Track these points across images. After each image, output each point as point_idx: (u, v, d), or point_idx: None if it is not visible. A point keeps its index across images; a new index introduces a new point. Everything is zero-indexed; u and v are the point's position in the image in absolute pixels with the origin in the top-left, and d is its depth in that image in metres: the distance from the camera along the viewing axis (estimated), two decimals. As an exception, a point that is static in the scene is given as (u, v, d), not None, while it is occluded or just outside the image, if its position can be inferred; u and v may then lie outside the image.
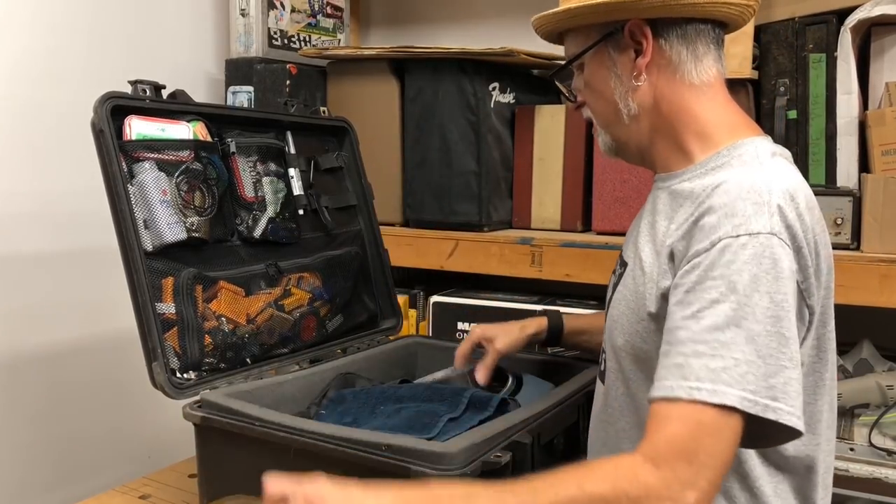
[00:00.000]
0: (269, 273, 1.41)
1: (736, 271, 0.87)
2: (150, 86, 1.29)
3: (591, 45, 1.05)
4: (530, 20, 1.09)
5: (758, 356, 0.85)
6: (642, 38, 1.01)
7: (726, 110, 1.05)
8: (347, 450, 1.01)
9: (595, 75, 1.06)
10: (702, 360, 0.85)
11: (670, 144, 1.05)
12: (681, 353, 0.87)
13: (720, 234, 0.89)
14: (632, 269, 1.06)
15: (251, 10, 2.01)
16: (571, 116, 1.80)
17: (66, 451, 1.80)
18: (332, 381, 1.36)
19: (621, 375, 1.06)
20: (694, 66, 1.03)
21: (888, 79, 1.49)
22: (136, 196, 1.23)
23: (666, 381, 0.87)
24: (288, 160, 1.50)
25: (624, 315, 1.05)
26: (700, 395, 0.84)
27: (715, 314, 0.86)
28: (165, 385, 1.19)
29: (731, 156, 0.99)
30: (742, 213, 0.90)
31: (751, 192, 0.91)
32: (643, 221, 1.08)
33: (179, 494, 1.37)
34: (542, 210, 1.84)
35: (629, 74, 1.03)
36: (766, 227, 0.88)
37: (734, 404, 0.83)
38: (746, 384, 0.84)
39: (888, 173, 1.41)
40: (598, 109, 1.08)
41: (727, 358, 0.85)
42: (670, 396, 0.86)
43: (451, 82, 1.80)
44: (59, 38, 1.77)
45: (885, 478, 1.34)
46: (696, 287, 0.89)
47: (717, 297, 0.87)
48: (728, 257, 0.88)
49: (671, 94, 1.03)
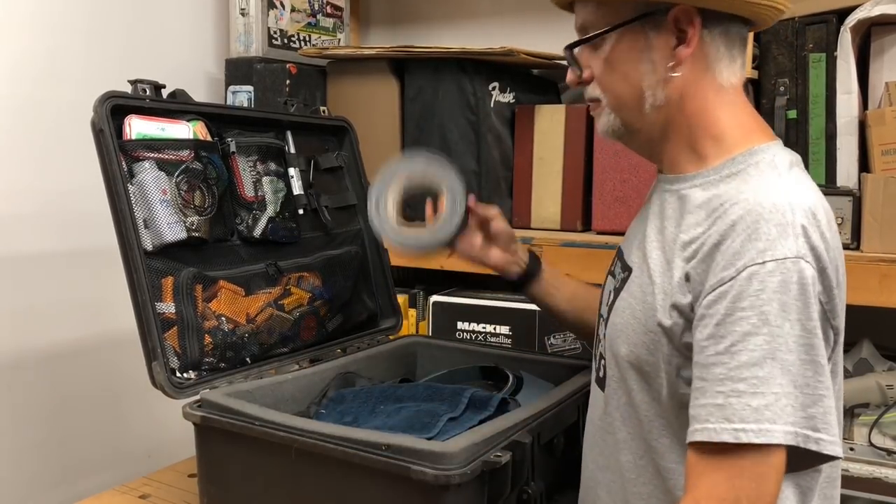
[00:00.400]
0: (268, 272, 1.41)
1: (766, 301, 0.85)
2: (150, 85, 1.29)
3: (627, 21, 0.96)
4: (529, 20, 1.08)
5: (794, 387, 0.84)
6: (688, 27, 0.95)
7: (744, 114, 1.01)
8: (347, 449, 1.01)
9: (622, 55, 0.98)
10: (743, 400, 0.84)
11: (683, 144, 1.00)
12: (720, 393, 0.85)
13: (745, 260, 0.86)
14: (638, 276, 1.02)
15: (251, 10, 2.01)
16: (571, 116, 1.80)
17: (66, 451, 1.80)
18: (332, 381, 1.36)
19: (623, 385, 1.03)
20: (727, 66, 0.98)
21: (888, 78, 1.48)
22: (136, 195, 1.23)
23: (709, 424, 0.85)
24: (288, 160, 1.50)
25: (629, 325, 1.00)
26: (747, 438, 0.83)
27: (750, 349, 0.85)
28: (165, 384, 1.19)
29: (746, 163, 0.95)
30: (766, 236, 0.86)
31: (773, 211, 0.88)
32: (650, 226, 1.03)
33: (179, 494, 1.37)
34: (542, 210, 1.84)
35: (664, 63, 0.96)
36: (791, 251, 0.86)
37: (780, 441, 0.83)
38: (788, 417, 0.83)
39: (888, 173, 1.41)
40: (616, 91, 1.00)
41: (767, 394, 0.83)
42: (716, 441, 0.85)
43: (451, 82, 1.80)
44: (59, 37, 1.77)
45: (885, 477, 1.34)
46: (726, 319, 0.86)
47: (749, 330, 0.85)
48: (756, 286, 0.85)
49: (697, 91, 0.98)
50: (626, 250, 1.09)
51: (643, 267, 1.00)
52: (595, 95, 1.03)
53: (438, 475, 0.95)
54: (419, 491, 0.96)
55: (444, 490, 0.95)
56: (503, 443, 1.04)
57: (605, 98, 1.02)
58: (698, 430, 0.86)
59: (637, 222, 1.11)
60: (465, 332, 1.78)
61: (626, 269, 1.05)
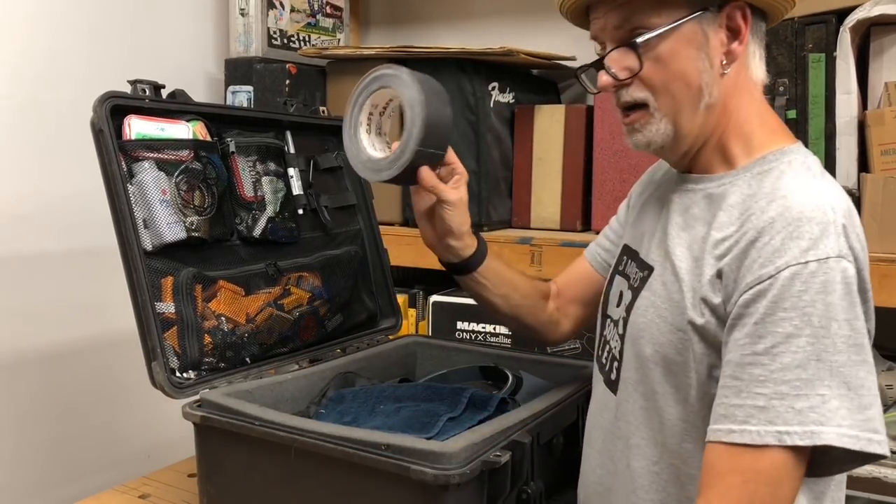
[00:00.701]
0: (268, 272, 1.41)
1: (809, 302, 0.83)
2: (150, 85, 1.29)
3: (688, 16, 0.93)
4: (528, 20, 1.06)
5: (848, 388, 0.83)
6: (741, 23, 0.94)
7: (768, 113, 1.00)
8: (347, 449, 1.01)
9: (679, 52, 0.93)
10: (786, 402, 0.82)
11: (716, 145, 0.99)
12: (761, 395, 0.84)
13: (786, 259, 0.84)
14: (660, 274, 0.99)
15: (251, 10, 2.01)
16: (571, 116, 1.80)
17: (65, 451, 1.80)
18: (332, 381, 1.36)
19: (643, 388, 0.99)
20: (758, 63, 0.98)
21: (887, 78, 1.49)
22: (136, 196, 1.23)
23: (749, 426, 0.84)
24: (287, 160, 1.50)
25: (654, 323, 0.97)
26: (791, 440, 0.82)
27: (792, 351, 0.83)
28: (165, 384, 1.19)
29: (778, 161, 0.94)
30: (808, 234, 0.85)
31: (815, 209, 0.86)
32: (671, 224, 1.00)
33: (179, 494, 1.37)
34: (541, 210, 1.84)
35: (718, 59, 0.94)
36: (834, 251, 0.84)
37: (832, 443, 0.81)
38: (841, 420, 0.82)
39: (887, 173, 1.41)
40: (672, 92, 0.95)
41: (812, 396, 0.82)
42: (760, 444, 0.83)
43: (451, 82, 1.80)
44: (59, 37, 1.77)
45: (885, 477, 1.34)
46: (766, 320, 0.84)
47: (791, 332, 0.83)
48: (798, 287, 0.83)
49: (736, 89, 0.97)
50: (640, 249, 1.07)
51: (666, 265, 0.98)
52: (640, 98, 0.96)
53: (438, 475, 0.95)
54: (419, 491, 0.96)
55: (444, 490, 0.95)
56: (503, 442, 1.04)
57: (656, 100, 0.96)
58: (737, 431, 0.84)
59: (646, 221, 1.09)
60: (464, 332, 1.78)
61: (646, 268, 1.03)
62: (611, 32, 0.97)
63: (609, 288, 1.14)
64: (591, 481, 1.11)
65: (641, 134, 0.98)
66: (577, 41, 1.95)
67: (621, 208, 1.27)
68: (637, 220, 1.13)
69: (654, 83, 0.95)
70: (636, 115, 0.98)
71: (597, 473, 1.09)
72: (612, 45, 0.97)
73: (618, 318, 1.08)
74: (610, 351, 1.09)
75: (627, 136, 1.00)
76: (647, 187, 1.17)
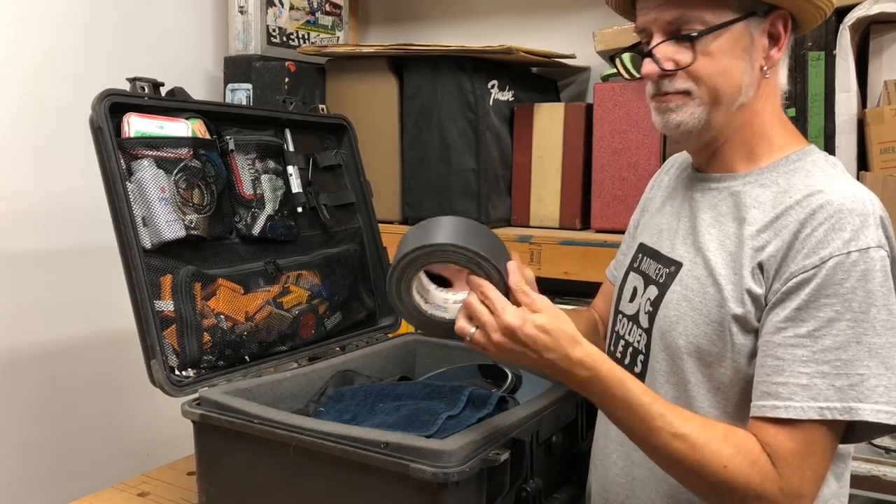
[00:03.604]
0: (267, 271, 1.41)
1: (850, 289, 0.89)
2: (149, 83, 1.29)
3: (739, 18, 0.98)
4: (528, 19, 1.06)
5: (885, 368, 0.88)
6: (782, 30, 1.00)
7: (785, 117, 1.06)
8: (346, 447, 1.01)
9: (728, 50, 0.98)
10: (827, 380, 0.89)
11: (741, 143, 1.03)
12: (803, 374, 0.90)
13: (830, 250, 0.90)
14: (690, 269, 1.03)
15: (250, 8, 2.00)
16: (570, 114, 1.80)
17: (64, 449, 1.80)
18: (331, 379, 1.36)
19: (674, 378, 1.03)
20: (784, 70, 1.04)
21: (887, 77, 1.49)
22: (135, 193, 1.23)
23: (793, 402, 0.90)
24: (286, 158, 1.50)
25: (688, 315, 1.01)
26: (832, 415, 0.88)
27: (833, 334, 0.89)
28: (164, 383, 1.19)
29: (803, 160, 1.00)
30: (850, 226, 0.91)
31: (855, 201, 0.92)
32: (699, 222, 1.04)
33: (178, 492, 1.37)
34: (540, 208, 1.84)
35: (759, 63, 1.00)
36: (873, 241, 0.90)
37: (869, 418, 0.87)
38: (878, 397, 0.88)
39: (887, 171, 1.41)
40: (716, 86, 0.99)
41: (852, 375, 0.88)
42: (803, 418, 0.89)
43: (450, 80, 1.80)
44: (58, 35, 1.77)
45: (884, 475, 1.34)
46: (809, 305, 0.91)
47: (833, 316, 0.89)
48: (840, 276, 0.90)
49: (768, 94, 1.03)
50: (661, 247, 1.10)
51: (697, 260, 1.02)
52: (685, 87, 1.00)
53: (437, 473, 0.95)
54: (418, 489, 0.96)
55: (443, 488, 0.95)
56: (502, 441, 1.04)
57: (698, 90, 0.99)
58: (782, 406, 0.90)
59: (663, 220, 1.12)
60: (463, 331, 1.78)
61: (672, 264, 1.06)
62: (662, 25, 1.00)
63: (623, 285, 1.16)
64: (613, 473, 1.11)
65: (675, 114, 1.01)
66: (577, 39, 1.96)
67: (631, 221, 1.29)
68: (653, 220, 1.16)
69: (700, 76, 0.99)
70: (674, 97, 1.00)
71: (618, 465, 1.10)
72: (662, 37, 1.00)
73: (633, 313, 1.11)
74: (628, 345, 1.11)
75: (658, 116, 1.03)
76: (658, 192, 1.21)
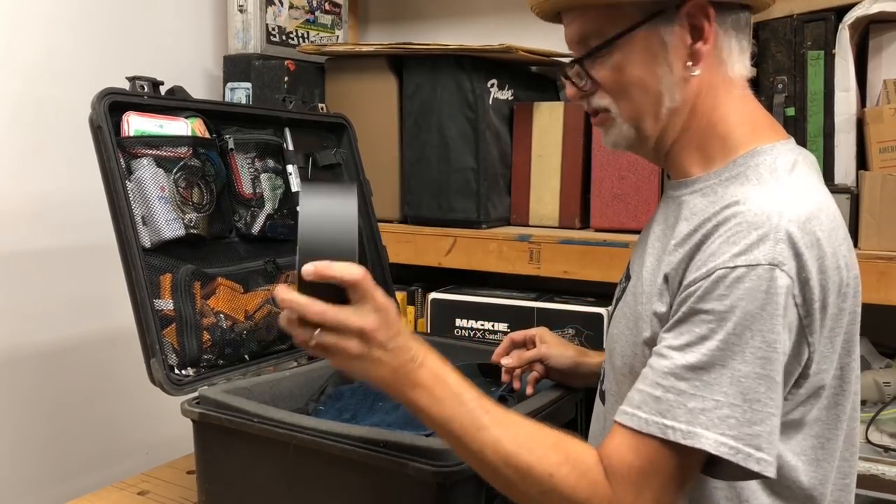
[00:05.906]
0: (267, 269, 1.41)
1: (728, 307, 0.81)
2: (149, 82, 1.29)
3: (640, 23, 0.91)
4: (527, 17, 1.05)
5: (743, 399, 0.81)
6: (703, 21, 0.90)
7: (752, 108, 0.97)
8: (345, 446, 1.01)
9: (636, 60, 0.92)
10: (681, 398, 0.82)
11: (693, 147, 0.96)
12: (660, 385, 0.84)
13: (717, 262, 0.83)
14: (634, 285, 0.99)
15: (249, 7, 2.00)
16: (570, 113, 1.80)
17: (64, 448, 1.80)
18: (331, 378, 1.36)
19: (620, 399, 0.95)
20: (738, 57, 0.94)
21: (886, 76, 1.49)
22: (135, 192, 1.23)
23: (640, 412, 0.84)
24: (286, 157, 1.50)
25: (623, 335, 0.98)
26: (674, 436, 0.81)
27: (701, 351, 0.82)
28: (164, 381, 1.19)
29: (746, 165, 0.91)
30: (745, 240, 0.83)
31: (759, 215, 0.84)
32: (652, 234, 1.00)
33: (178, 491, 1.37)
34: (540, 207, 1.84)
35: (682, 62, 0.91)
36: (766, 258, 0.81)
37: (708, 449, 0.80)
38: (727, 429, 0.80)
39: (886, 170, 1.41)
40: (632, 99, 0.94)
41: (707, 399, 0.81)
42: (644, 431, 0.83)
43: (450, 79, 1.79)
44: (57, 34, 1.77)
45: (882, 474, 1.34)
46: (687, 319, 0.84)
47: (705, 333, 0.82)
48: (721, 290, 0.82)
49: (710, 88, 0.93)
50: (632, 258, 1.07)
51: (639, 276, 0.98)
52: (602, 105, 0.97)
53: (436, 472, 0.95)
54: (417, 488, 0.97)
55: (442, 487, 0.95)
56: (501, 440, 1.04)
57: (616, 108, 0.96)
58: (629, 413, 0.85)
59: (644, 232, 1.08)
60: (463, 330, 1.78)
61: (627, 279, 1.03)
62: (573, 44, 0.98)
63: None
64: None
65: (607, 135, 0.99)
66: (576, 38, 1.96)
67: None
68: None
69: (613, 92, 0.95)
70: (600, 118, 0.99)
71: None
72: (578, 55, 0.97)
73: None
74: (603, 363, 1.10)
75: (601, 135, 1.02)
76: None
